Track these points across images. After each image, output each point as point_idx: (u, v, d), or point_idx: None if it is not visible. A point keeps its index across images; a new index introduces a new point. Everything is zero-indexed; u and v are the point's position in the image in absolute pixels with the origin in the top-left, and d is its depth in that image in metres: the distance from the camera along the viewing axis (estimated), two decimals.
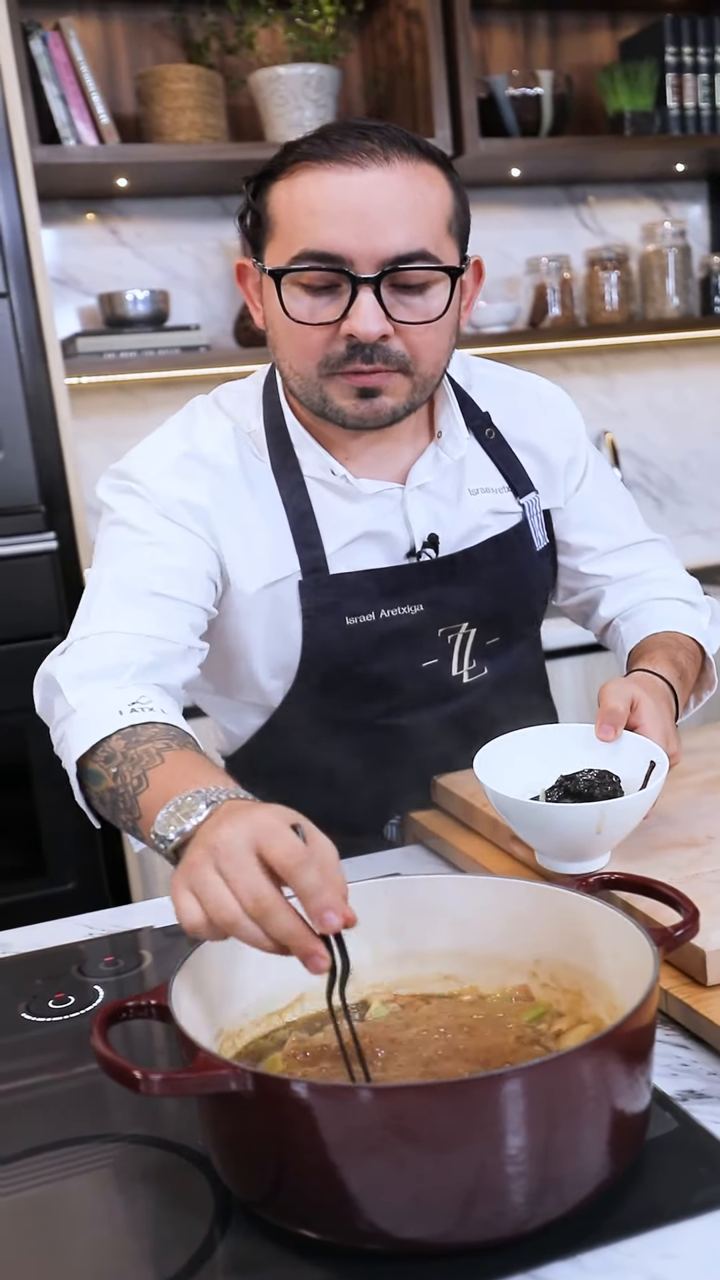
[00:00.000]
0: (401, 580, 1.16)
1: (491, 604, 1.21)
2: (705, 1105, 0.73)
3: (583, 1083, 0.62)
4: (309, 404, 1.09)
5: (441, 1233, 0.62)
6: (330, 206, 0.99)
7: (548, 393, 1.31)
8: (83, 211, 2.56)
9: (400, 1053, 0.73)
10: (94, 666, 1.02)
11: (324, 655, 1.16)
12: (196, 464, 1.12)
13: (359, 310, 1.00)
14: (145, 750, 0.91)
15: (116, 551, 1.11)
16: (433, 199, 1.02)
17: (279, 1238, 0.64)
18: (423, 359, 1.05)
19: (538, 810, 0.94)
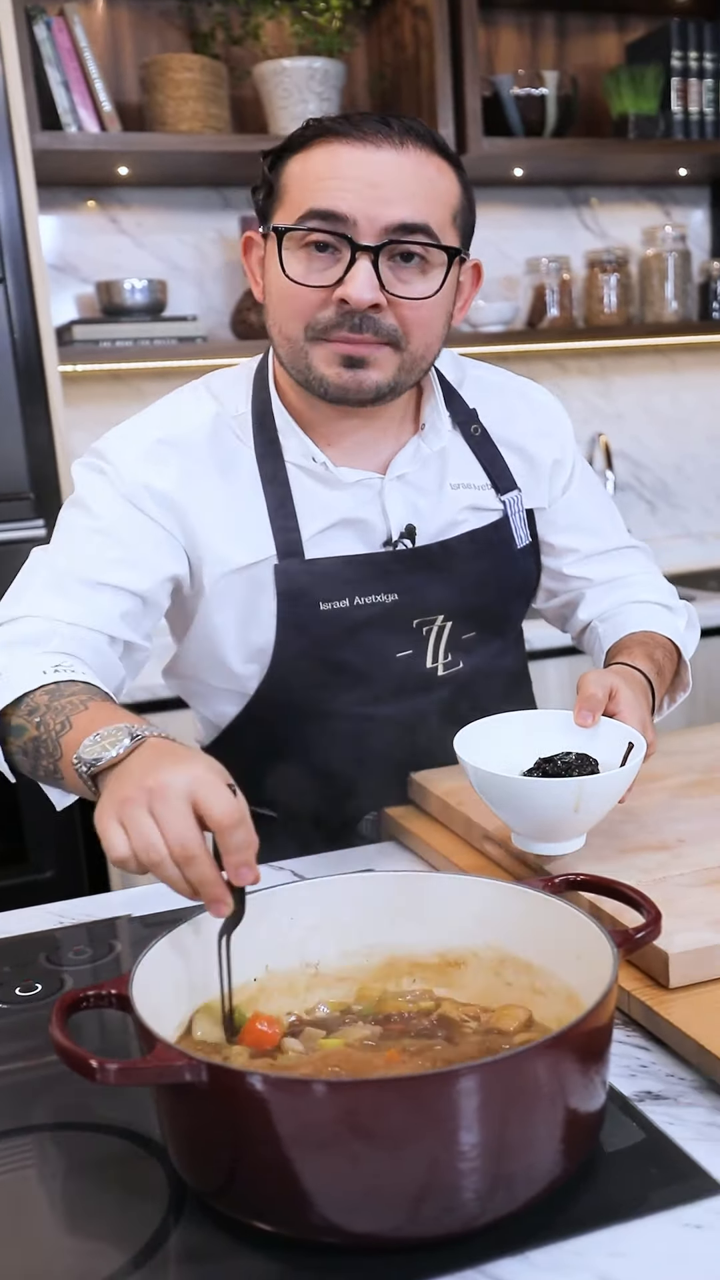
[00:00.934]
0: (377, 568, 1.17)
1: (467, 598, 1.21)
2: (661, 1106, 0.73)
3: (536, 1081, 0.62)
4: (295, 372, 1.09)
5: (393, 1227, 0.62)
6: (340, 173, 1.01)
7: (539, 396, 1.32)
8: (84, 199, 2.55)
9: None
10: (20, 635, 1.05)
11: (298, 641, 1.16)
12: (169, 449, 1.13)
13: (355, 276, 1.01)
14: (69, 701, 0.94)
15: (65, 537, 1.13)
16: (440, 186, 1.04)
17: (232, 1229, 0.65)
18: (413, 336, 1.06)
19: (517, 785, 0.94)
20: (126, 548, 1.10)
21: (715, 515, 3.17)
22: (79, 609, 1.08)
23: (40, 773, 0.96)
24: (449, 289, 1.08)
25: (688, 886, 0.91)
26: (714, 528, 3.17)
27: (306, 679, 1.18)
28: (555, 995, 0.77)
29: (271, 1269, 0.62)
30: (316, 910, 0.82)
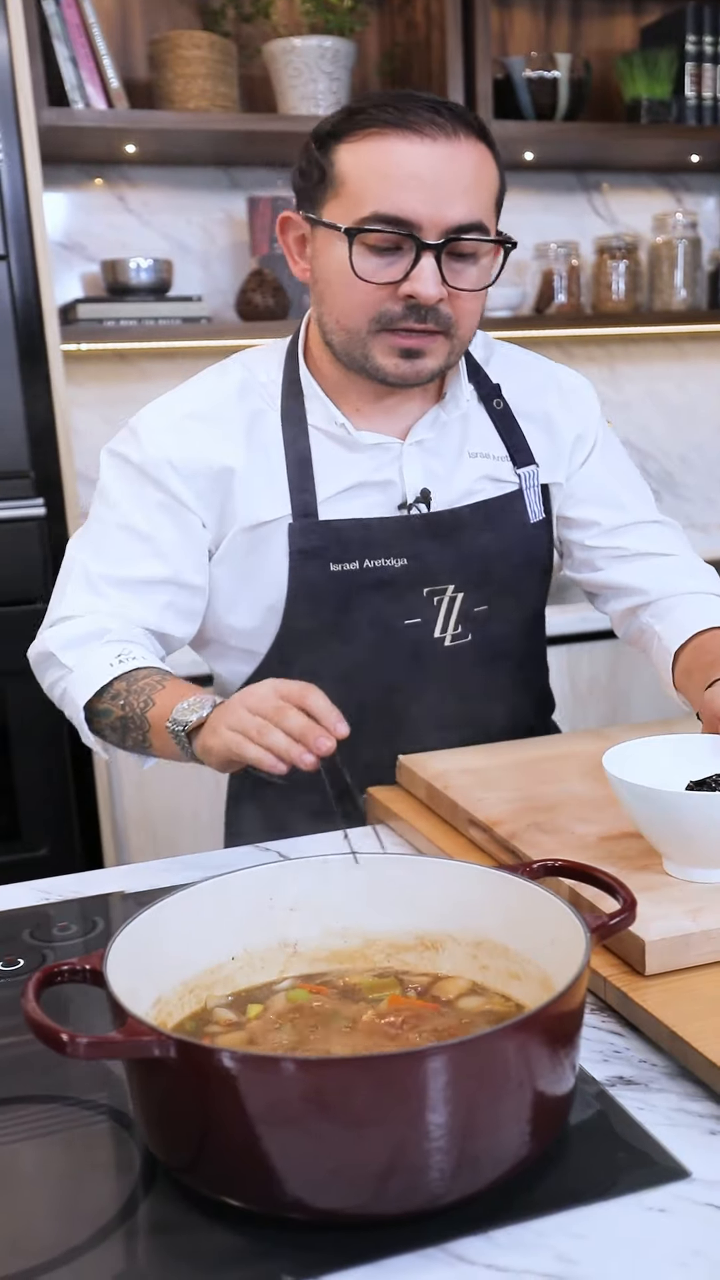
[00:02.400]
0: (388, 532, 1.20)
1: (477, 569, 1.23)
2: (632, 1091, 0.74)
3: (504, 1063, 0.63)
4: (349, 358, 1.15)
5: (358, 1204, 0.63)
6: (401, 173, 1.06)
7: (565, 376, 1.34)
8: (91, 177, 2.54)
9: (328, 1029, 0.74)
10: (78, 633, 1.17)
11: (308, 600, 1.20)
12: (196, 421, 1.18)
13: (422, 274, 1.07)
14: (145, 684, 1.11)
15: (95, 533, 1.21)
16: (487, 177, 1.10)
17: (201, 1203, 0.65)
18: (463, 324, 1.13)
19: (681, 801, 0.86)
20: (152, 539, 1.18)
21: (719, 505, 3.16)
22: (109, 604, 1.18)
23: (129, 743, 1.14)
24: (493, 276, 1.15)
25: (670, 874, 0.91)
26: (717, 518, 3.16)
27: (316, 641, 1.21)
28: (531, 980, 0.77)
29: (237, 1242, 0.63)
30: (296, 891, 0.83)
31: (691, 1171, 0.66)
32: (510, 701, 1.32)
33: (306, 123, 2.39)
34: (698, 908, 0.85)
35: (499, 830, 1.02)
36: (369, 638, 1.21)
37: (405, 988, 0.80)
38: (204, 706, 1.04)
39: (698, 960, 0.83)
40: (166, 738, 1.07)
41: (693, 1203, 0.64)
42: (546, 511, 1.29)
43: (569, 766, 1.16)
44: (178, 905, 0.78)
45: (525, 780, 1.13)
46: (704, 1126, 0.70)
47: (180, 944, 0.78)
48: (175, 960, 0.78)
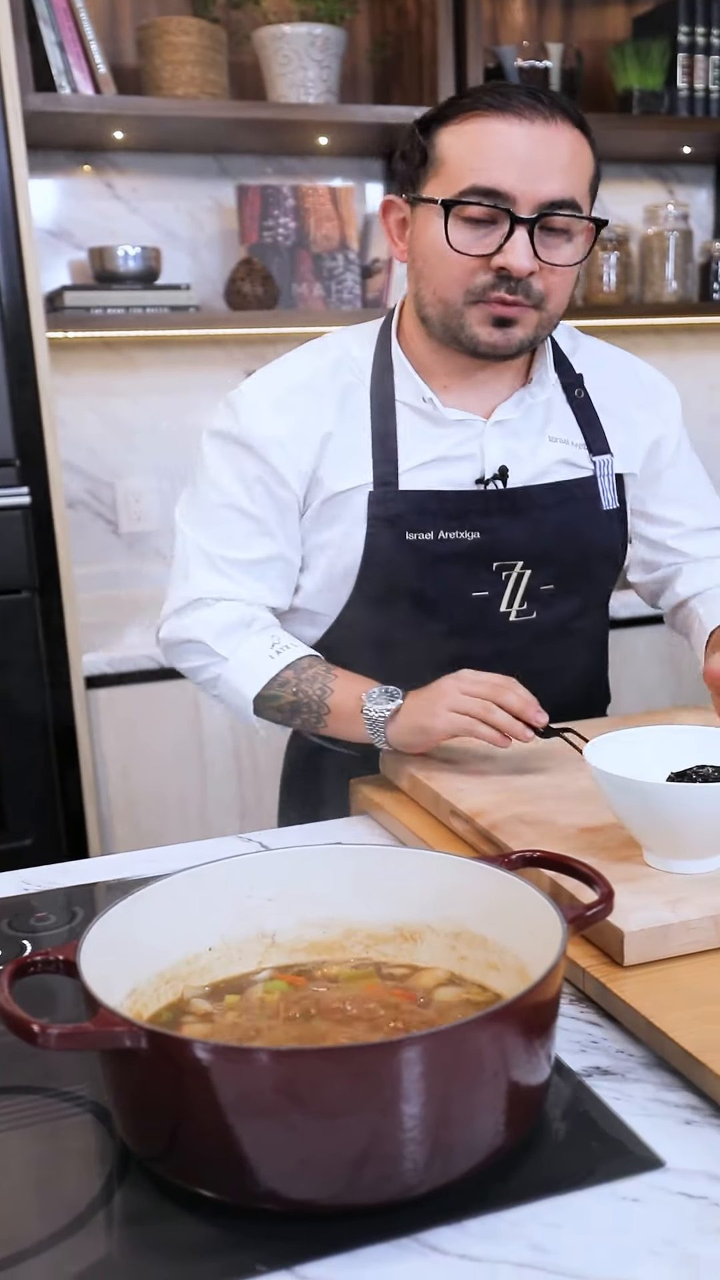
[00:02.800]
0: (463, 505, 1.24)
1: (547, 547, 1.27)
2: (609, 1081, 0.74)
3: (478, 1054, 0.62)
4: (444, 330, 1.19)
5: (331, 1195, 0.62)
6: (499, 151, 1.11)
7: (647, 372, 1.39)
8: (79, 163, 2.53)
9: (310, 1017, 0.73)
10: (227, 621, 1.25)
11: (381, 568, 1.24)
12: (292, 395, 1.25)
13: (514, 246, 1.12)
14: (314, 672, 1.22)
15: (203, 515, 1.28)
16: (582, 159, 1.15)
17: (174, 1193, 0.65)
18: (553, 299, 1.17)
19: (661, 792, 0.86)
20: (259, 519, 1.25)
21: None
22: (239, 587, 1.26)
23: (296, 722, 1.25)
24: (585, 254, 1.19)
25: (651, 866, 0.91)
26: None
27: (384, 608, 1.26)
28: (509, 970, 0.77)
29: (210, 1233, 0.63)
30: (275, 882, 0.83)
31: (666, 1161, 0.66)
32: (569, 684, 1.36)
33: (296, 110, 2.38)
34: (677, 899, 0.85)
35: (480, 821, 1.02)
36: (437, 607, 1.26)
37: (383, 978, 0.80)
38: (395, 697, 1.15)
39: (676, 951, 0.83)
40: (348, 722, 1.18)
41: (666, 1192, 0.64)
42: (621, 502, 1.33)
43: (553, 757, 1.16)
44: (154, 895, 0.78)
45: (508, 771, 1.13)
46: (679, 1116, 0.70)
47: (157, 934, 0.78)
48: (151, 951, 0.78)
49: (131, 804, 2.21)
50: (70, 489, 2.60)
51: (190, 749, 2.23)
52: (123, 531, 2.66)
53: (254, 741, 2.26)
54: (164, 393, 2.63)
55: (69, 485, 2.60)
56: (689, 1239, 0.61)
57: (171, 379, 2.64)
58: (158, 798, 2.23)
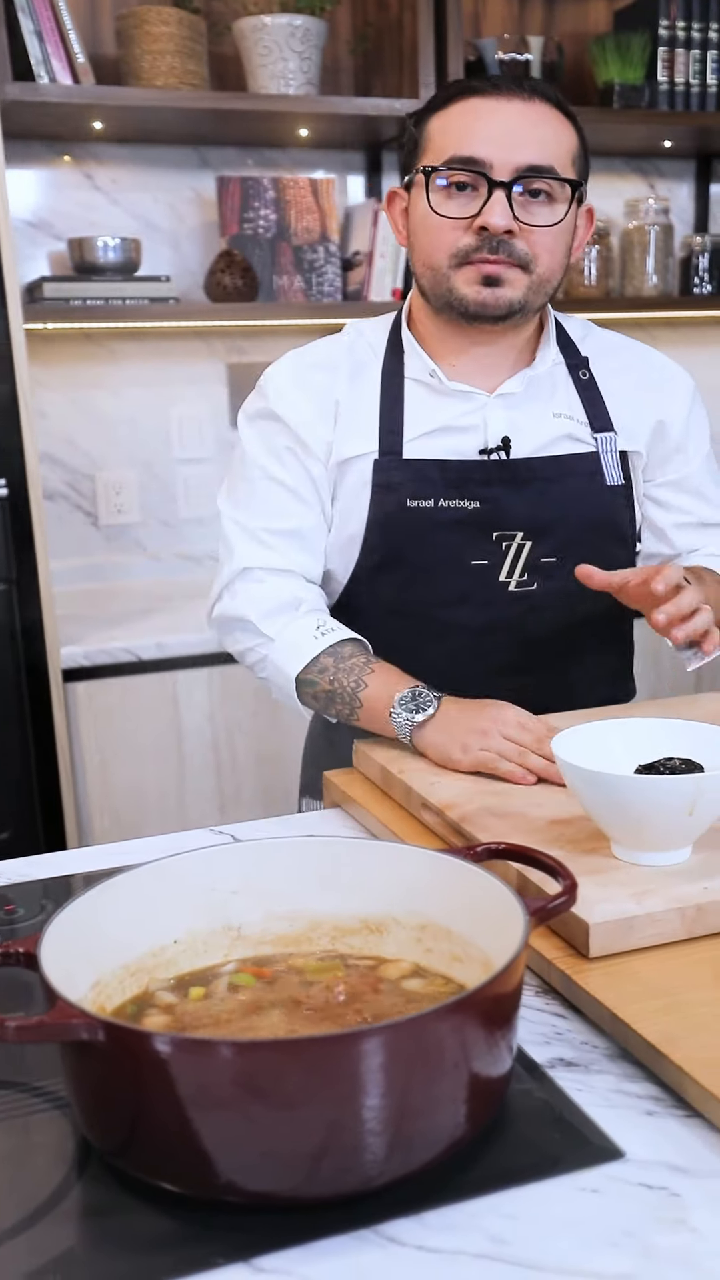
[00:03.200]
0: (464, 474, 1.28)
1: (548, 519, 1.29)
2: (572, 1073, 0.74)
3: (438, 1045, 0.62)
4: (436, 296, 1.25)
5: (290, 1187, 0.62)
6: (478, 124, 1.19)
7: (658, 358, 1.42)
8: (59, 154, 2.51)
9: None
10: (275, 601, 1.28)
11: (383, 533, 1.28)
12: (311, 369, 1.31)
13: (492, 206, 1.18)
14: (353, 663, 1.22)
15: (244, 490, 1.32)
16: (563, 135, 1.22)
17: (134, 1187, 0.65)
18: (540, 260, 1.21)
19: (627, 785, 0.86)
20: (294, 489, 1.29)
21: None
22: (280, 556, 1.29)
23: (331, 713, 1.26)
24: (569, 222, 1.24)
25: (618, 858, 0.91)
26: None
27: (387, 575, 1.30)
28: (473, 962, 0.77)
29: (169, 1225, 0.63)
30: (240, 875, 0.82)
31: (626, 1152, 0.66)
32: (577, 665, 1.36)
33: (276, 102, 2.37)
34: (643, 891, 0.85)
35: (450, 814, 1.02)
36: (436, 574, 1.29)
37: (349, 970, 0.80)
38: (424, 707, 1.15)
39: (641, 943, 0.83)
40: (380, 719, 1.18)
41: (626, 1183, 0.64)
42: (626, 479, 1.34)
43: None
44: (119, 888, 0.78)
45: None
46: (641, 1107, 0.70)
47: (122, 927, 0.77)
48: (115, 943, 0.77)
49: (109, 797, 2.21)
50: (50, 481, 2.59)
51: (168, 742, 2.22)
52: (102, 524, 2.65)
53: (233, 734, 2.25)
54: (144, 385, 2.62)
55: (49, 478, 2.58)
56: (647, 1229, 0.61)
57: (152, 371, 2.63)
58: (136, 790, 2.22)
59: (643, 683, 2.59)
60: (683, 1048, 0.71)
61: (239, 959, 0.81)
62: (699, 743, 0.93)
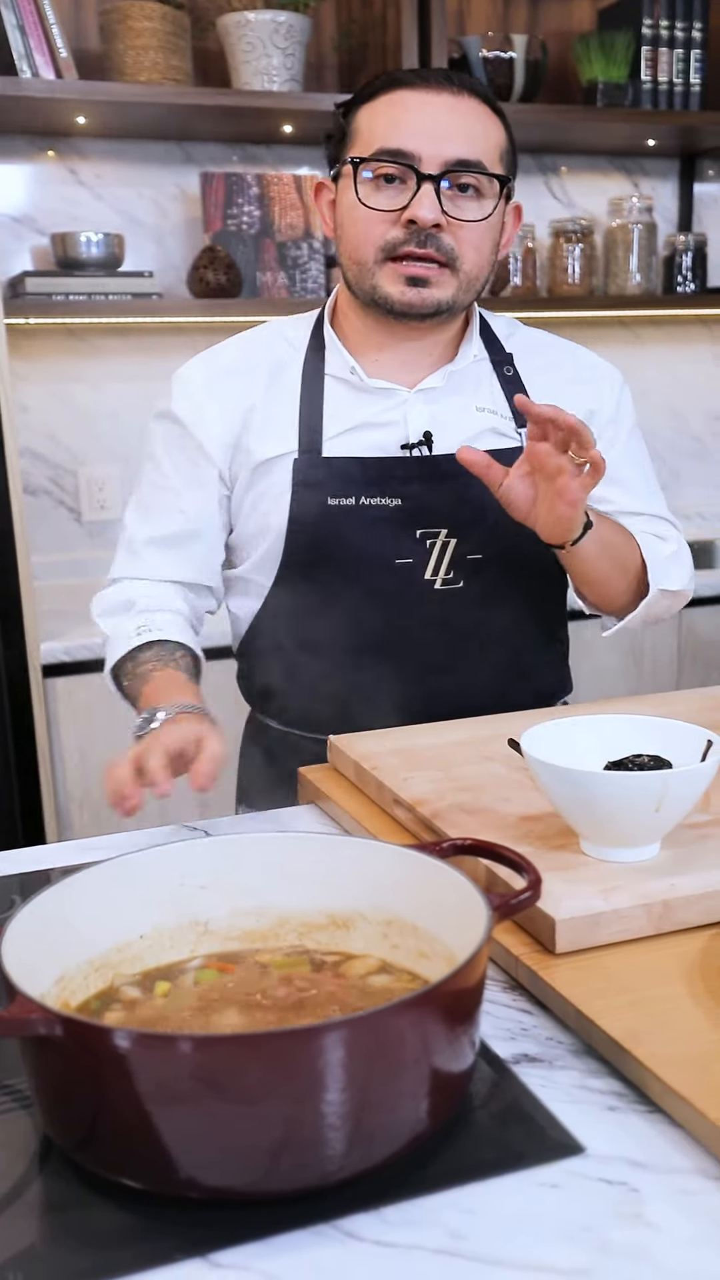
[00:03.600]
0: (383, 471, 1.26)
1: (471, 516, 1.27)
2: (536, 1069, 0.74)
3: (399, 1040, 0.62)
4: (362, 292, 1.24)
5: (250, 1182, 0.62)
6: (406, 116, 1.18)
7: (586, 356, 1.42)
8: (43, 149, 2.50)
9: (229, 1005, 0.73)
10: (111, 603, 1.31)
11: (305, 533, 1.27)
12: (223, 370, 1.31)
13: (420, 200, 1.17)
14: (144, 669, 1.22)
15: (141, 493, 1.33)
16: (492, 131, 1.21)
17: (94, 1182, 0.65)
18: (467, 257, 1.20)
19: (595, 781, 0.85)
20: (181, 494, 1.29)
21: (671, 491, 3.17)
22: (146, 565, 1.31)
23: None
24: (497, 218, 1.23)
25: (586, 854, 0.91)
26: (670, 503, 3.17)
27: (312, 574, 1.29)
28: (438, 957, 0.77)
29: (129, 1220, 0.62)
30: (207, 870, 0.82)
31: (587, 1147, 0.66)
32: (510, 660, 1.35)
33: (260, 98, 2.37)
34: (610, 887, 0.85)
35: (421, 809, 1.02)
36: (361, 574, 1.27)
37: (315, 966, 0.80)
38: (146, 726, 1.13)
39: (608, 939, 0.83)
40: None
41: (585, 1178, 0.64)
42: None
43: (499, 746, 1.16)
44: (85, 883, 0.77)
45: (453, 760, 1.13)
46: (603, 1103, 0.70)
47: (87, 922, 0.77)
48: (81, 938, 0.77)
49: (89, 792, 2.20)
50: (32, 477, 2.58)
51: None
52: (85, 520, 2.64)
53: None
54: (127, 380, 2.61)
55: (31, 473, 2.58)
56: (605, 1224, 0.61)
57: (134, 366, 2.62)
58: None
59: (623, 681, 2.60)
60: (646, 1044, 0.71)
61: (205, 954, 0.81)
62: (668, 740, 0.93)
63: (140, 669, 1.23)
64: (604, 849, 0.89)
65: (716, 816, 0.97)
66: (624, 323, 3.02)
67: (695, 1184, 0.63)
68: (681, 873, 0.87)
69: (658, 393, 3.11)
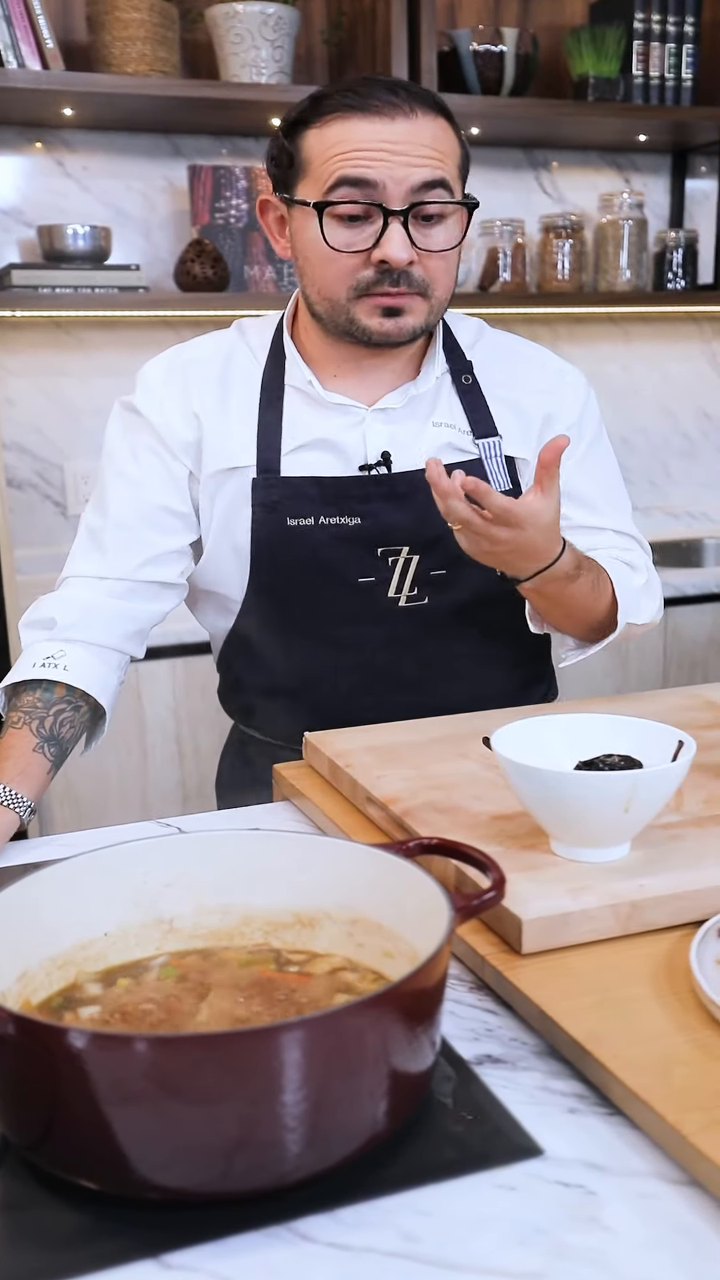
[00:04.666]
0: (341, 490, 1.25)
1: (431, 531, 1.25)
2: (498, 1070, 0.73)
3: (356, 1040, 0.62)
4: (334, 326, 1.21)
5: (205, 1182, 0.62)
6: (363, 144, 1.13)
7: (551, 362, 1.37)
8: (31, 140, 2.49)
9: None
10: (39, 616, 1.24)
11: (269, 554, 1.26)
12: (184, 369, 1.28)
13: (391, 239, 1.14)
14: (12, 716, 1.17)
15: (100, 490, 1.30)
16: (447, 145, 1.16)
17: (50, 1182, 0.64)
18: (438, 284, 1.19)
19: (564, 781, 0.85)
20: (141, 484, 1.26)
21: (661, 489, 3.17)
22: (108, 559, 1.25)
23: None
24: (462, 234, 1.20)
25: (556, 854, 0.91)
26: (659, 501, 3.17)
27: (279, 593, 1.28)
28: (402, 957, 0.76)
29: (84, 1221, 0.62)
30: (173, 868, 0.82)
31: (545, 1150, 0.66)
32: (488, 674, 1.34)
33: (248, 90, 2.36)
34: (579, 887, 0.85)
35: (393, 808, 1.01)
36: (324, 593, 1.26)
37: (280, 965, 0.79)
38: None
39: (576, 940, 0.83)
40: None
41: (542, 1180, 0.64)
42: (515, 484, 1.31)
43: (475, 745, 1.16)
44: (48, 879, 0.77)
45: (428, 758, 1.13)
46: (564, 1105, 0.70)
47: (50, 919, 0.77)
48: (44, 935, 0.77)
49: (71, 788, 2.20)
50: (18, 471, 2.57)
51: (131, 733, 2.21)
52: (71, 514, 2.63)
53: (195, 725, 2.24)
54: (114, 374, 2.60)
55: (17, 466, 2.57)
56: (560, 1227, 0.61)
57: (121, 360, 2.61)
58: (99, 782, 2.21)
59: (609, 681, 2.60)
60: (609, 1045, 0.71)
61: (170, 952, 0.81)
62: (640, 740, 0.93)
63: (12, 713, 1.18)
64: (573, 849, 0.89)
65: (688, 817, 0.96)
66: (614, 319, 3.01)
67: (652, 1188, 0.63)
68: (651, 873, 0.87)
69: (648, 390, 3.11)
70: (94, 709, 1.22)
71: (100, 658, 1.22)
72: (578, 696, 2.41)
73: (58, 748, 1.16)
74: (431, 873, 0.74)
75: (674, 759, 0.89)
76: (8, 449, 2.52)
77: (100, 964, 0.79)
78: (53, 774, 1.16)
